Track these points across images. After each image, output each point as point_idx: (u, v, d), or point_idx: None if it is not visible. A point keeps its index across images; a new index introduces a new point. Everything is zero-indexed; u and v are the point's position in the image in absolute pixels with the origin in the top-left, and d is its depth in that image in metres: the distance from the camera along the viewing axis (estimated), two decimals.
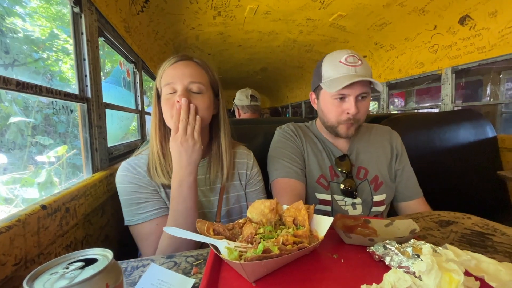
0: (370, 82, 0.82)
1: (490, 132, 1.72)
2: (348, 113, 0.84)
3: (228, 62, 4.53)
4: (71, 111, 0.91)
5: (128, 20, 1.63)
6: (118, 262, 0.56)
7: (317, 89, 0.94)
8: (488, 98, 2.61)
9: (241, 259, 0.44)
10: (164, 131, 0.77)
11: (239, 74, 5.68)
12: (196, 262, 0.53)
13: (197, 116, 0.68)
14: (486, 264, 0.42)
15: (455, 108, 2.33)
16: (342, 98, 0.84)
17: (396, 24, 2.49)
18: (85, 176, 0.96)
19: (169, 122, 0.73)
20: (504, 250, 0.52)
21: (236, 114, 2.13)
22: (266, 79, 6.22)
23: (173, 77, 0.71)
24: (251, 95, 2.00)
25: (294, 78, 5.61)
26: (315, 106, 0.99)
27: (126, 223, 0.75)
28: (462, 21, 2.09)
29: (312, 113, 6.10)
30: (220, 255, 0.45)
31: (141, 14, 1.85)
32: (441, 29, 2.27)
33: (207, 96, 0.74)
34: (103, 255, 0.32)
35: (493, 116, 2.42)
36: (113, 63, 2.46)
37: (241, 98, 2.03)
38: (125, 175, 0.75)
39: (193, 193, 0.68)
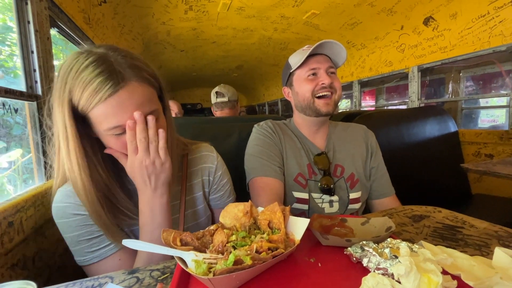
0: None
1: (452, 127, 1.83)
2: (323, 83, 0.87)
3: (202, 59, 4.41)
4: (15, 110, 0.80)
5: (88, 11, 1.49)
6: (71, 282, 0.49)
7: (289, 79, 0.97)
8: (450, 95, 2.79)
9: (210, 272, 0.39)
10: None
11: (214, 72, 5.57)
12: (162, 277, 0.48)
13: (160, 130, 0.54)
14: (460, 260, 0.41)
15: (421, 105, 2.46)
16: (314, 74, 0.89)
17: (366, 23, 2.56)
18: (37, 183, 0.85)
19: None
20: (474, 243, 0.53)
21: (213, 113, 2.07)
22: (242, 77, 6.16)
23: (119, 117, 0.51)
24: (216, 92, 1.90)
25: (270, 76, 5.62)
26: (290, 99, 1.00)
27: (77, 262, 0.59)
28: (426, 22, 2.20)
29: (288, 111, 6.16)
30: (187, 269, 0.40)
31: (103, 5, 1.70)
32: (408, 29, 2.38)
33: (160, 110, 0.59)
34: None
35: (455, 112, 2.59)
36: None
37: (211, 97, 1.96)
38: (66, 206, 0.56)
39: (169, 216, 0.59)
